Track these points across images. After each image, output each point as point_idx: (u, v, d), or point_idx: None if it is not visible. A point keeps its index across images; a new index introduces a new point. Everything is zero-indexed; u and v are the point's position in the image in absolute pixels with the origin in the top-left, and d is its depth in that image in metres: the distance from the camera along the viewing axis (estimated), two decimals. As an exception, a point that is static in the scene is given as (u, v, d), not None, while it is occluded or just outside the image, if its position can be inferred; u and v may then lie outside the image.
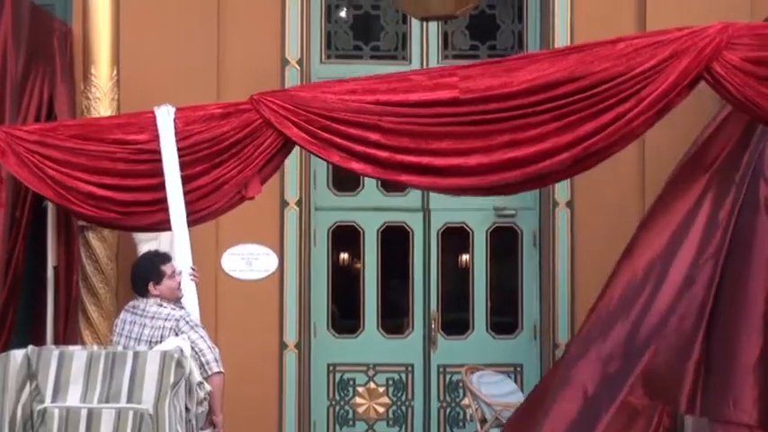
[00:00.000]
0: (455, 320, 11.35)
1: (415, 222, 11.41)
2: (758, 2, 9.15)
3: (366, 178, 11.25)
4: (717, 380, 8.87)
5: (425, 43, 11.44)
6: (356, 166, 8.35)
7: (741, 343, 8.78)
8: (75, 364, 6.55)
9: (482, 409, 10.21)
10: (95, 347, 6.81)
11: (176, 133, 8.22)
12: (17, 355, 6.57)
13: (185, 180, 8.22)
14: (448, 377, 11.27)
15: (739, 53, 8.00)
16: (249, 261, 10.89)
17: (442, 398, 11.27)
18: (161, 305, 7.66)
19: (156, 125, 8.22)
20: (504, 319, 11.25)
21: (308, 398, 11.04)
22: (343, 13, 11.62)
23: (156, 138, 8.20)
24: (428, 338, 11.31)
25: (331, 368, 11.30)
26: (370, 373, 11.31)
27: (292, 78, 11.02)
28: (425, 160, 8.20)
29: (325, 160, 8.53)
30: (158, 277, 7.74)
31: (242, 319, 10.68)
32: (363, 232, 11.44)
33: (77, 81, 9.61)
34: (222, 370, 7.64)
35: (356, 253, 11.52)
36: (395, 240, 11.42)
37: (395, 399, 11.31)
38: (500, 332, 11.25)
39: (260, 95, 8.28)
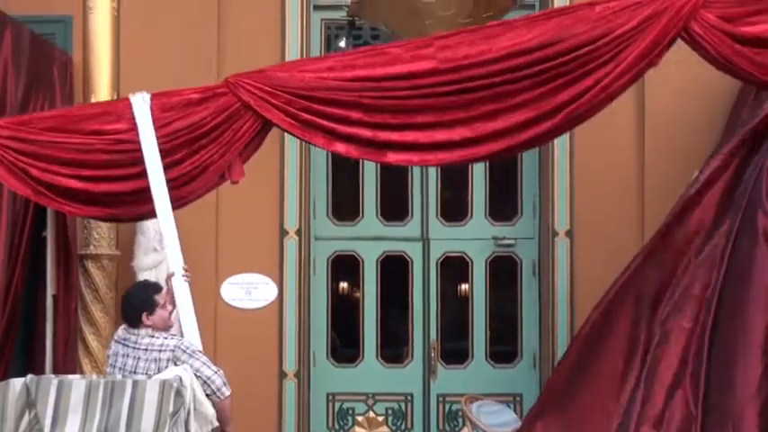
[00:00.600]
0: (454, 350, 11.33)
1: (414, 252, 11.41)
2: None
3: (365, 209, 11.47)
4: (718, 403, 8.84)
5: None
6: (341, 147, 8.24)
7: (740, 371, 8.72)
8: (74, 393, 6.57)
9: (480, 438, 10.17)
10: (94, 376, 6.84)
11: (154, 121, 8.07)
12: (16, 383, 6.61)
13: (167, 167, 8.07)
14: (447, 406, 11.22)
15: (716, 11, 7.99)
16: (248, 290, 10.90)
17: (441, 427, 11.24)
18: (153, 336, 7.52)
19: (132, 113, 8.07)
20: (504, 349, 11.24)
21: (307, 427, 11.02)
22: (342, 43, 11.62)
23: (134, 127, 8.06)
24: (427, 368, 11.27)
25: (330, 397, 11.26)
26: (370, 402, 11.27)
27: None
28: (410, 137, 8.11)
29: (308, 143, 8.41)
30: (152, 308, 7.62)
31: (241, 348, 10.67)
32: (363, 262, 11.43)
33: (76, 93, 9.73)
34: (230, 390, 7.64)
35: (356, 282, 11.49)
36: (394, 270, 11.42)
37: (394, 428, 11.28)
38: (499, 361, 11.22)
39: (236, 77, 8.16)
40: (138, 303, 7.64)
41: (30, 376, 6.71)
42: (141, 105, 8.08)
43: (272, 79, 8.13)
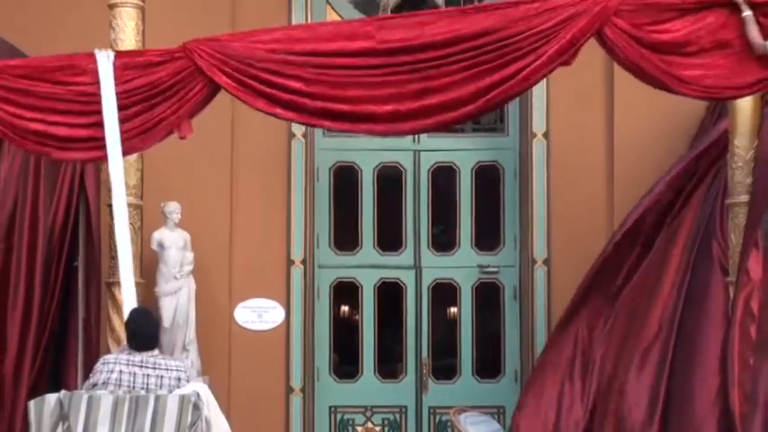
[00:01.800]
0: (444, 366, 11.34)
1: (408, 278, 11.42)
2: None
3: (364, 240, 11.44)
4: (679, 412, 8.91)
5: None
6: (280, 111, 8.08)
7: (697, 380, 8.78)
8: (102, 406, 6.56)
9: (467, 448, 10.21)
10: (120, 392, 6.80)
11: (115, 77, 7.94)
12: (51, 398, 6.58)
13: (122, 120, 7.93)
14: (438, 417, 11.22)
15: (626, 18, 7.87)
16: (259, 314, 10.92)
17: (432, 437, 11.14)
18: (159, 356, 7.30)
19: (96, 68, 7.95)
20: (489, 365, 11.26)
21: (311, 437, 11.08)
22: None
23: (97, 81, 7.94)
24: (420, 382, 11.27)
25: (332, 410, 11.26)
26: (368, 414, 11.27)
27: (298, 150, 11.11)
28: (344, 107, 7.98)
29: (250, 106, 8.15)
30: (160, 336, 7.54)
31: (253, 366, 10.75)
32: (361, 287, 11.44)
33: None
34: None
35: (355, 306, 11.49)
36: (390, 295, 11.42)
37: (391, 437, 11.27)
38: (485, 377, 11.26)
39: (192, 43, 8.01)
40: (155, 329, 7.48)
41: (63, 392, 6.71)
42: (105, 62, 7.98)
43: (225, 48, 8.01)
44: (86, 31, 8.79)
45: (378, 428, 11.28)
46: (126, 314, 7.56)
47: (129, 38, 8.55)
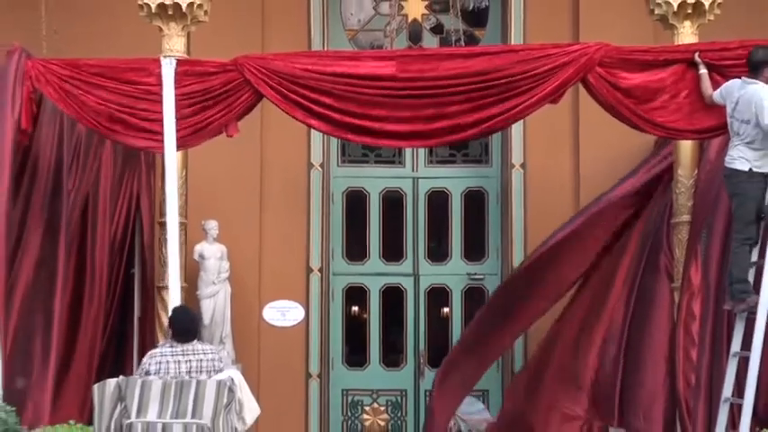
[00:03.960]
0: (438, 357, 11.09)
1: (407, 284, 11.48)
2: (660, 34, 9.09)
3: (371, 252, 11.45)
4: (632, 400, 8.93)
5: (414, 150, 11.38)
6: (315, 122, 8.24)
7: (649, 375, 8.80)
8: (153, 389, 6.57)
9: (459, 424, 10.32)
10: (168, 378, 6.80)
11: (175, 82, 8.03)
12: (111, 383, 6.63)
13: (179, 118, 8.02)
14: (432, 399, 11.07)
15: (606, 67, 8.06)
16: (283, 313, 10.98)
17: (429, 416, 11.15)
18: (200, 343, 7.18)
19: (160, 72, 8.05)
20: None
21: (327, 415, 11.13)
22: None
23: (160, 83, 8.04)
24: (417, 370, 11.33)
25: (344, 392, 11.36)
26: (374, 396, 11.36)
27: (316, 178, 11.13)
28: (366, 124, 8.06)
29: (290, 115, 8.26)
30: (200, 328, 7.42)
31: (278, 356, 10.82)
32: (369, 291, 11.51)
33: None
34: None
35: (363, 307, 11.58)
36: (392, 297, 11.49)
37: (393, 416, 11.33)
38: None
39: (243, 59, 8.13)
40: (192, 327, 7.23)
41: (121, 377, 6.72)
42: (168, 68, 8.08)
43: (269, 64, 8.12)
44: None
45: (382, 408, 11.33)
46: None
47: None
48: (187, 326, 7.15)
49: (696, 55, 7.99)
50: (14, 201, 8.40)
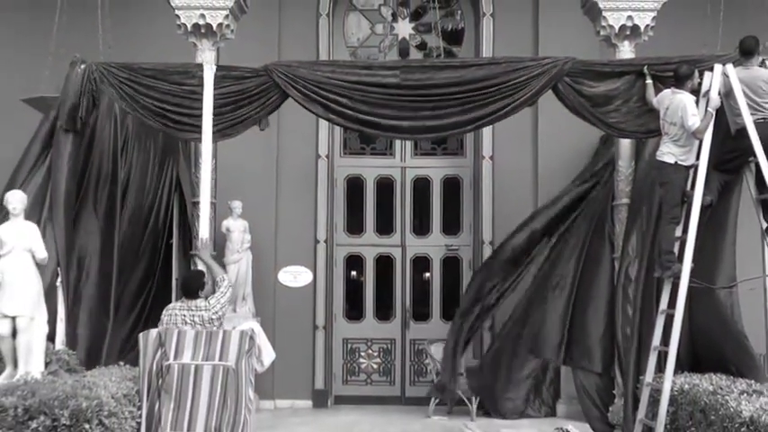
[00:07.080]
0: (421, 312, 11.41)
1: (396, 253, 11.46)
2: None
3: (367, 227, 11.36)
4: (578, 344, 8.95)
5: (403, 144, 11.39)
6: (333, 117, 8.22)
7: (592, 322, 8.83)
8: (187, 337, 6.52)
9: (437, 366, 10.21)
10: (199, 328, 6.73)
11: (214, 83, 8.00)
12: (153, 332, 6.59)
13: (217, 114, 7.99)
14: (416, 346, 11.25)
15: (573, 77, 8.07)
16: (295, 276, 10.94)
17: (412, 359, 11.30)
18: (202, 300, 6.95)
19: (203, 76, 8.02)
20: (451, 311, 10.94)
21: (330, 360, 11.16)
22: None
23: (201, 84, 8.01)
24: (404, 323, 11.34)
25: (345, 341, 11.36)
26: (369, 344, 11.37)
27: (322, 166, 11.07)
28: (377, 120, 8.07)
29: (312, 112, 8.24)
30: (203, 286, 7.08)
31: (290, 312, 10.80)
32: (365, 259, 11.47)
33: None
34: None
35: (361, 271, 11.53)
36: (384, 264, 11.47)
37: (384, 360, 11.32)
38: (448, 319, 10.96)
39: (272, 65, 8.14)
40: (195, 286, 7.00)
41: (162, 327, 6.73)
42: (209, 72, 8.05)
43: (294, 71, 8.12)
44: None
45: (375, 353, 11.32)
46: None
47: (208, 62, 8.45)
48: (187, 285, 7.08)
49: (645, 67, 7.98)
50: (80, 184, 8.43)
